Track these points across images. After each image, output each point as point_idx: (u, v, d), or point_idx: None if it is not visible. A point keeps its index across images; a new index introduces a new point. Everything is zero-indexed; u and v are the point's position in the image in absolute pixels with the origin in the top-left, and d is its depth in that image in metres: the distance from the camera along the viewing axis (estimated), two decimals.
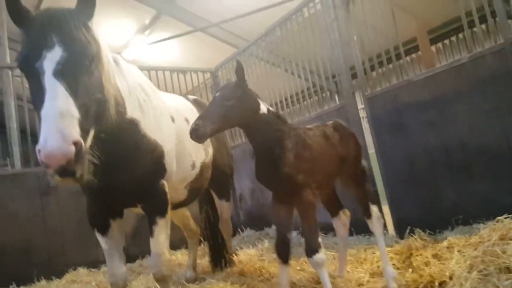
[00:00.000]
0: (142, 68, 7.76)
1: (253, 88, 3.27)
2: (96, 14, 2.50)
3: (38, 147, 1.97)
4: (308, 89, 6.86)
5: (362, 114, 6.48)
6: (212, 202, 4.93)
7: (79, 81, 2.25)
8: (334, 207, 3.83)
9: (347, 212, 3.86)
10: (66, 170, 2.00)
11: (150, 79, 7.60)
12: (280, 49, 7.28)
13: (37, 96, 2.16)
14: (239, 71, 3.06)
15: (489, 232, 3.29)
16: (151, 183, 3.18)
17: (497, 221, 3.44)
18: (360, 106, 6.13)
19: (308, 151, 3.13)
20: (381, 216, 3.72)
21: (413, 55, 11.23)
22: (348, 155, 3.50)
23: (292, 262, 4.61)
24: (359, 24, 5.61)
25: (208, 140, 4.23)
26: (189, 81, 8.07)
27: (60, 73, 2.17)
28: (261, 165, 3.20)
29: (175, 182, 3.60)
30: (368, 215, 3.55)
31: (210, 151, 4.37)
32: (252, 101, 3.12)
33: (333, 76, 6.24)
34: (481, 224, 3.76)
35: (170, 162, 3.39)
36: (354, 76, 5.79)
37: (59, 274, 5.66)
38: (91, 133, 2.35)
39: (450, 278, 3.02)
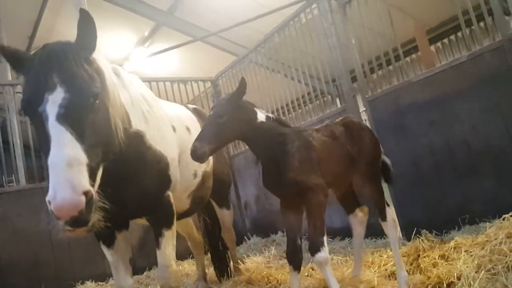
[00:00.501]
0: (143, 80, 7.81)
1: (254, 95, 3.29)
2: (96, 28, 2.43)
3: (48, 198, 1.91)
4: (309, 93, 6.86)
5: (364, 116, 6.48)
6: (210, 211, 4.86)
7: (84, 122, 2.16)
8: (350, 204, 3.72)
9: (365, 209, 3.73)
10: (77, 221, 1.95)
11: (151, 90, 7.64)
12: (279, 55, 7.29)
13: (43, 141, 2.09)
14: (241, 86, 3.09)
15: (495, 230, 3.27)
16: (157, 195, 3.12)
17: (503, 219, 3.41)
18: (362, 109, 6.13)
19: (314, 152, 3.12)
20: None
21: (413, 56, 11.22)
22: (360, 152, 3.41)
23: None
24: (356, 27, 5.62)
25: None
26: (190, 91, 8.09)
27: (64, 117, 2.08)
28: (266, 172, 3.20)
29: (178, 191, 3.57)
30: (383, 217, 3.46)
31: (211, 160, 4.29)
32: (246, 112, 3.14)
33: (333, 80, 6.26)
34: (488, 223, 3.72)
35: (175, 172, 3.32)
36: (354, 79, 5.80)
37: None
38: (100, 170, 2.29)
39: (458, 278, 3.00)
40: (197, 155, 2.91)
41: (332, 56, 5.86)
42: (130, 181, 2.89)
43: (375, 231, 5.13)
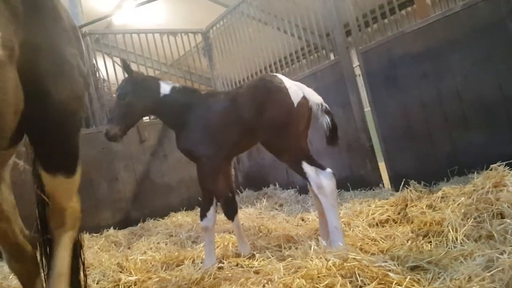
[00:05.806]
0: (131, 32, 7.63)
1: (246, 48, 3.36)
2: None
3: None
4: (302, 48, 6.75)
5: (357, 71, 6.42)
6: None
7: None
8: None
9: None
10: None
11: (140, 42, 7.45)
12: (271, 7, 7.12)
13: None
14: (125, 67, 3.41)
15: (482, 180, 3.32)
16: None
17: (490, 170, 3.46)
18: (356, 63, 6.07)
19: (211, 120, 3.26)
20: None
21: (408, 9, 11.00)
22: (261, 119, 3.10)
23: (290, 218, 4.71)
24: None
25: None
26: (180, 44, 7.92)
27: None
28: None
29: None
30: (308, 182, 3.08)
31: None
32: (149, 89, 3.42)
33: (327, 34, 6.13)
34: (476, 174, 3.79)
35: None
36: (348, 33, 5.69)
37: None
38: None
39: (444, 226, 3.06)
40: (110, 137, 3.29)
41: (325, 7, 5.71)
42: None
43: (364, 182, 5.23)
